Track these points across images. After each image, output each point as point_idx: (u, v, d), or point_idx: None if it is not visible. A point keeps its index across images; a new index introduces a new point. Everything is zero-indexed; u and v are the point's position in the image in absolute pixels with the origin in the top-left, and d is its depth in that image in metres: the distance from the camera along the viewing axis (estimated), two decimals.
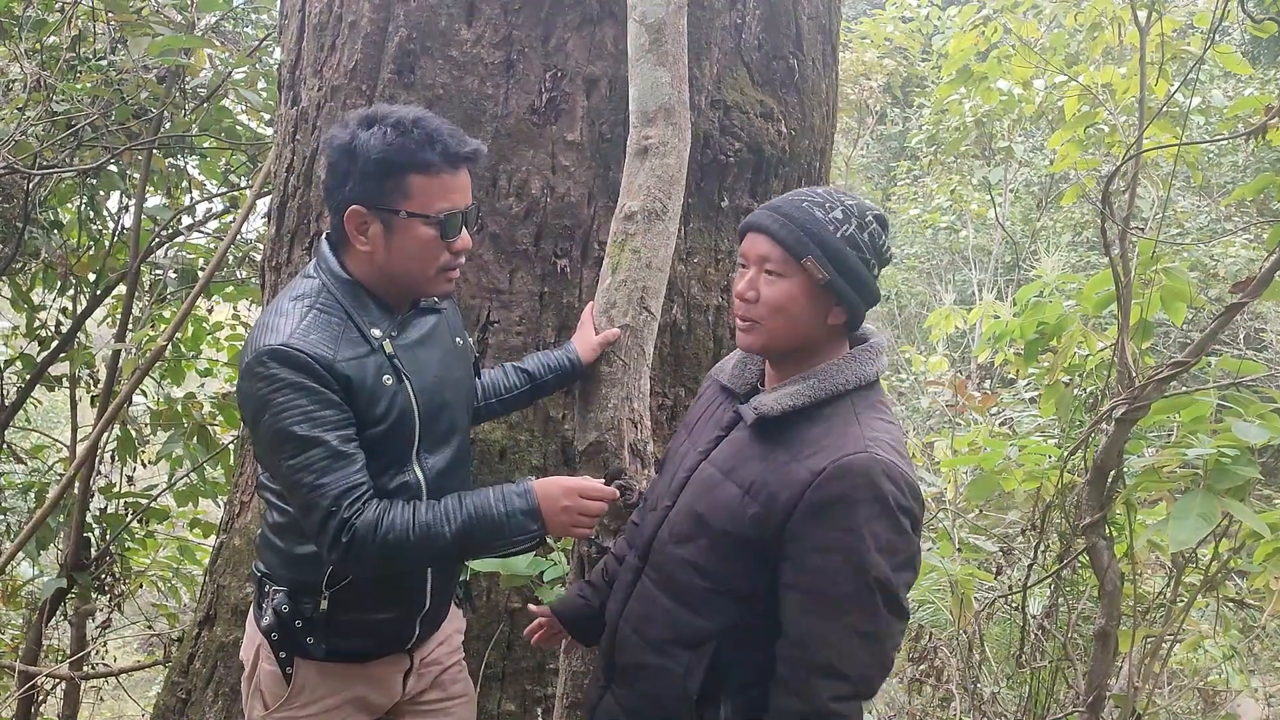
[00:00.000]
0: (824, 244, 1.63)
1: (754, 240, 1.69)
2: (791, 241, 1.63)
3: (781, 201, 1.70)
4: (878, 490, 1.53)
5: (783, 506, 1.58)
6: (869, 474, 1.54)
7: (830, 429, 1.63)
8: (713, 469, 1.74)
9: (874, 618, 1.54)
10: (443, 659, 2.14)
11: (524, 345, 2.61)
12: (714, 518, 1.68)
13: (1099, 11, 5.62)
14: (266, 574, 1.96)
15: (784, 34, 2.85)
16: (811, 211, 1.65)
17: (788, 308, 1.65)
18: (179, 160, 4.96)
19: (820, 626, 1.55)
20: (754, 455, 1.68)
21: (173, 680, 2.97)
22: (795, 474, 1.59)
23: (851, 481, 1.54)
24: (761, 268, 1.67)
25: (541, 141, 2.60)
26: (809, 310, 1.66)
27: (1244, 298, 2.83)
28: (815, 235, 1.63)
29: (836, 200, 1.68)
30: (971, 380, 7.92)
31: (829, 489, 1.55)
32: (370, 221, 1.80)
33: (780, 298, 1.65)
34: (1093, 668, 3.09)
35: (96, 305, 5.07)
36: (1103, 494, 3.04)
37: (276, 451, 1.73)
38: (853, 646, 1.54)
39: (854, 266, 1.65)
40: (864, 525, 1.52)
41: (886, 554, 1.53)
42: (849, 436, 1.60)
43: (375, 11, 2.62)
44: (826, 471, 1.55)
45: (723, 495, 1.68)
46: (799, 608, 1.57)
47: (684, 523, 1.74)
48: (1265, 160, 9.54)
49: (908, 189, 12.07)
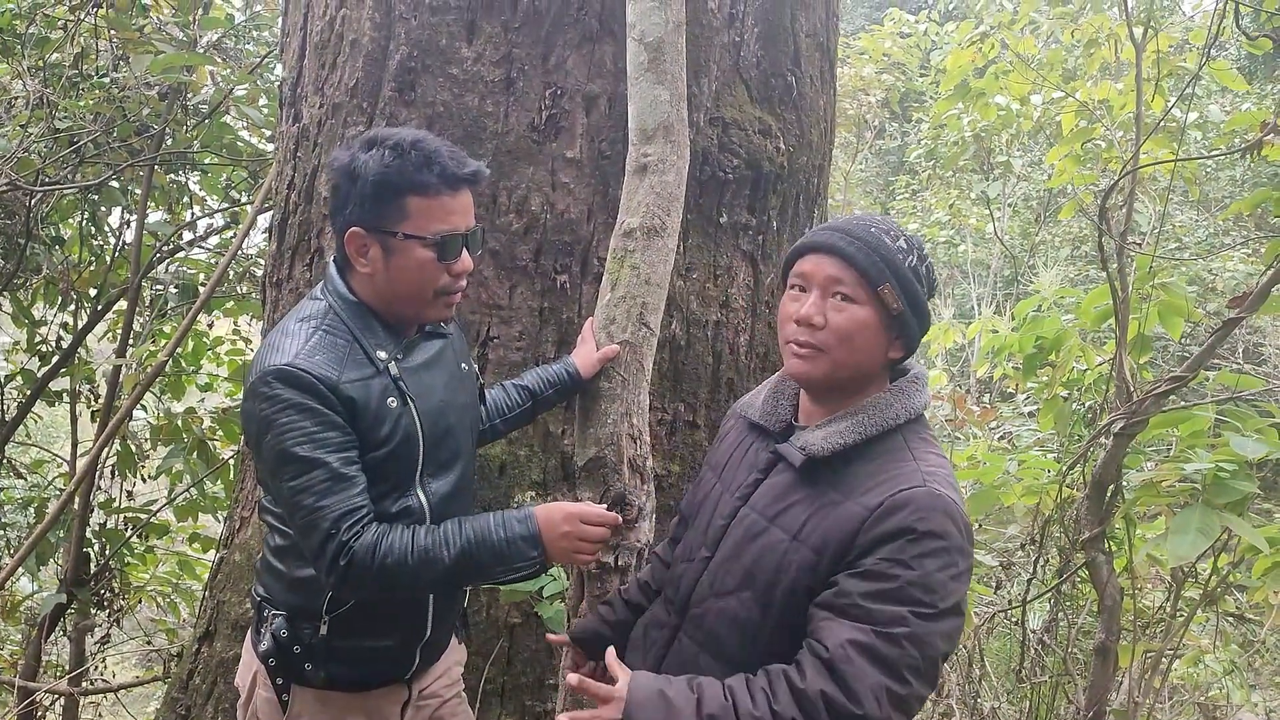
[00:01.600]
0: (897, 272, 1.55)
1: (820, 262, 1.58)
2: (869, 267, 1.54)
3: (846, 224, 1.60)
4: (938, 528, 1.43)
5: (836, 547, 1.48)
6: (929, 509, 1.44)
7: (884, 466, 1.53)
8: (754, 515, 1.63)
9: (901, 654, 1.39)
10: (441, 692, 2.11)
11: (524, 360, 2.62)
12: (760, 568, 1.57)
13: (1095, 28, 5.66)
14: (266, 598, 1.95)
15: (782, 51, 2.87)
16: (881, 238, 1.56)
17: (856, 337, 1.55)
18: (180, 176, 4.99)
19: (846, 634, 1.41)
20: (801, 498, 1.58)
21: (172, 696, 2.96)
22: (849, 513, 1.49)
23: (909, 516, 1.44)
24: (828, 292, 1.56)
25: (541, 158, 2.62)
26: (876, 341, 1.57)
27: (1241, 312, 2.84)
28: (890, 262, 1.55)
29: (898, 230, 1.60)
30: (971, 394, 7.92)
31: (886, 523, 1.44)
32: (370, 244, 1.79)
33: (851, 325, 1.55)
34: (1093, 683, 3.09)
35: (97, 320, 5.08)
36: (1102, 508, 3.04)
37: (278, 472, 1.72)
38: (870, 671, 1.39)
39: (919, 298, 1.58)
40: (916, 561, 1.42)
41: (937, 595, 1.41)
42: (905, 471, 1.50)
43: (376, 30, 2.64)
44: (884, 506, 1.45)
45: (768, 543, 1.57)
46: (830, 619, 1.44)
47: (727, 575, 1.63)
48: (1262, 175, 9.57)
49: (906, 203, 12.10)
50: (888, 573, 1.42)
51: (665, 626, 1.76)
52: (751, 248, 2.84)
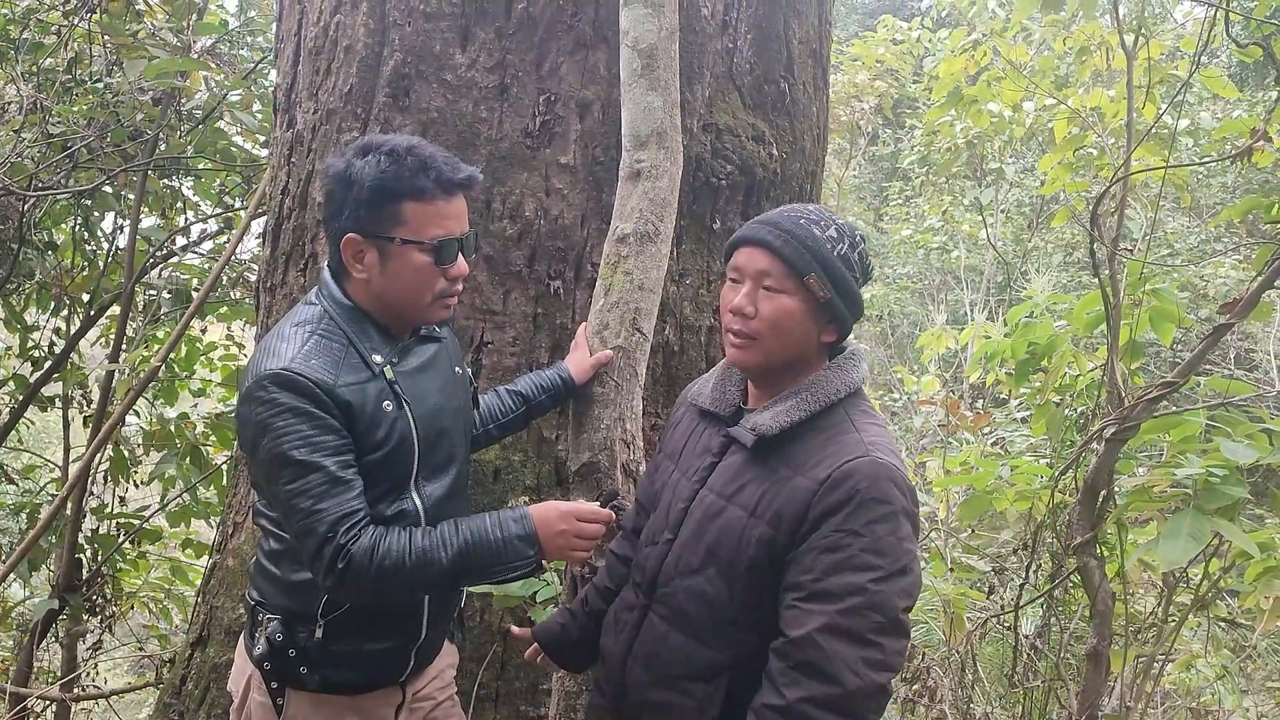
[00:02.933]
0: (824, 262, 1.63)
1: (750, 255, 1.66)
2: (794, 258, 1.62)
3: (777, 217, 1.68)
4: (881, 493, 1.53)
5: (790, 521, 1.57)
6: (873, 477, 1.54)
7: (829, 439, 1.62)
8: (713, 495, 1.71)
9: (867, 624, 1.49)
10: (435, 694, 2.12)
11: (517, 366, 2.62)
12: (722, 545, 1.66)
13: (1087, 36, 5.68)
14: (261, 602, 1.94)
15: (775, 58, 2.88)
16: (810, 229, 1.64)
17: (785, 324, 1.64)
18: (174, 181, 4.98)
19: (811, 623, 1.50)
20: (754, 476, 1.66)
21: (165, 702, 2.96)
22: (800, 486, 1.58)
23: (855, 485, 1.53)
24: (759, 283, 1.65)
25: (535, 164, 2.62)
26: (806, 327, 1.66)
27: (1232, 318, 2.85)
28: (816, 253, 1.63)
29: (829, 219, 1.68)
30: (963, 400, 7.93)
31: (834, 494, 1.54)
32: (366, 249, 1.80)
33: (779, 314, 1.64)
34: (1085, 687, 3.10)
35: (90, 326, 5.08)
36: (1094, 513, 3.05)
37: (274, 476, 1.72)
38: (843, 649, 1.48)
39: (849, 285, 1.66)
40: (866, 528, 1.51)
41: (888, 557, 1.51)
42: (848, 443, 1.60)
43: (370, 36, 2.64)
44: (831, 478, 1.55)
45: (728, 520, 1.66)
46: (794, 606, 1.54)
47: (690, 554, 1.71)
48: (1253, 181, 9.61)
49: (900, 209, 12.13)
50: (840, 543, 1.52)
51: (635, 608, 1.82)
52: None
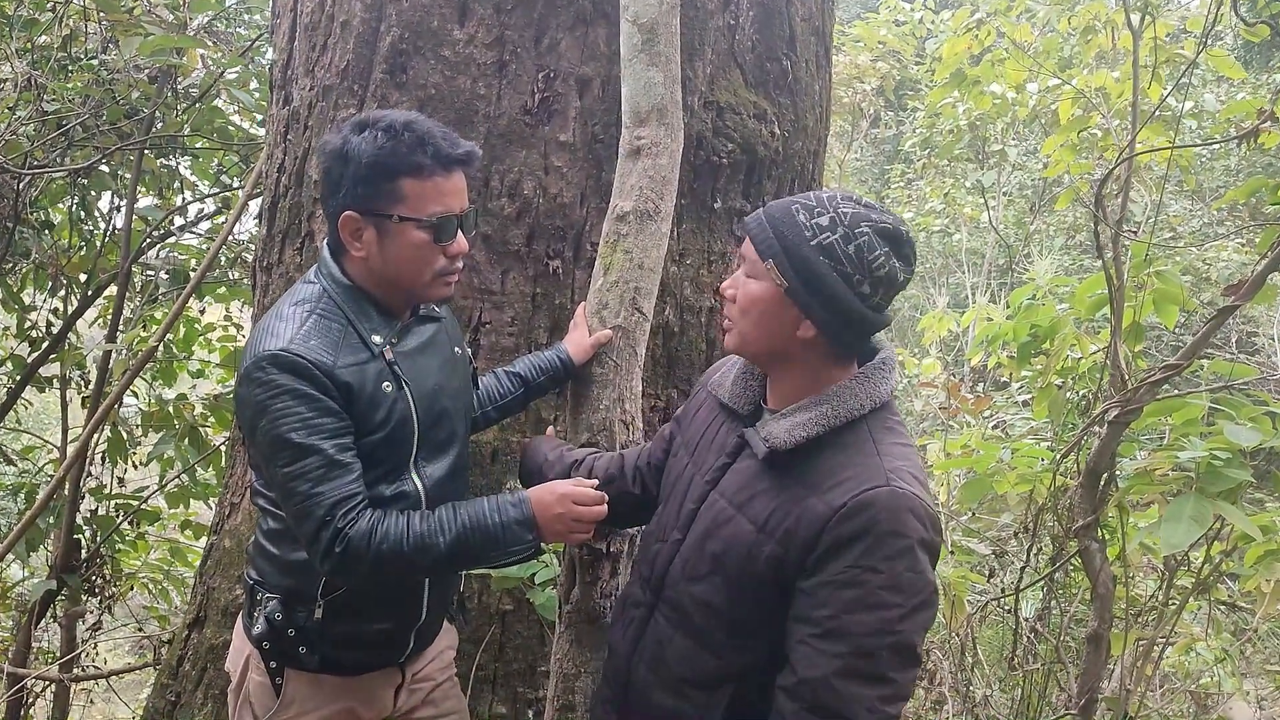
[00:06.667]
0: (790, 249, 1.53)
1: (745, 239, 1.64)
2: (760, 241, 1.57)
3: (776, 203, 1.62)
4: (901, 527, 1.45)
5: (801, 544, 1.50)
6: (893, 509, 1.45)
7: (848, 459, 1.53)
8: (723, 502, 1.65)
9: (884, 663, 1.43)
10: (435, 675, 2.12)
11: (516, 346, 2.60)
12: (729, 556, 1.60)
13: (1092, 15, 5.64)
14: (259, 582, 1.94)
15: (777, 35, 2.84)
16: (794, 214, 1.55)
17: (750, 311, 1.60)
18: (171, 160, 4.94)
19: (827, 665, 1.44)
20: (766, 488, 1.59)
21: (162, 683, 2.95)
22: (814, 509, 1.50)
23: (873, 517, 1.45)
24: (741, 267, 1.64)
25: (534, 142, 2.60)
26: (772, 318, 1.58)
27: (1236, 301, 2.83)
28: (784, 239, 1.54)
29: (829, 206, 1.54)
30: (965, 383, 7.92)
31: (850, 525, 1.46)
32: (364, 227, 1.78)
33: (745, 300, 1.60)
34: (1085, 670, 3.09)
35: (87, 306, 5.05)
36: (1095, 497, 3.04)
37: (272, 458, 1.71)
38: (859, 691, 1.43)
39: (822, 277, 1.52)
40: (884, 563, 1.43)
41: (906, 594, 1.44)
42: (869, 468, 1.50)
43: (367, 11, 2.61)
44: (847, 507, 1.46)
45: (736, 531, 1.60)
46: (807, 643, 1.48)
47: (698, 559, 1.66)
48: (1257, 164, 9.57)
49: (901, 192, 12.07)
50: (858, 579, 1.45)
51: (641, 605, 1.78)
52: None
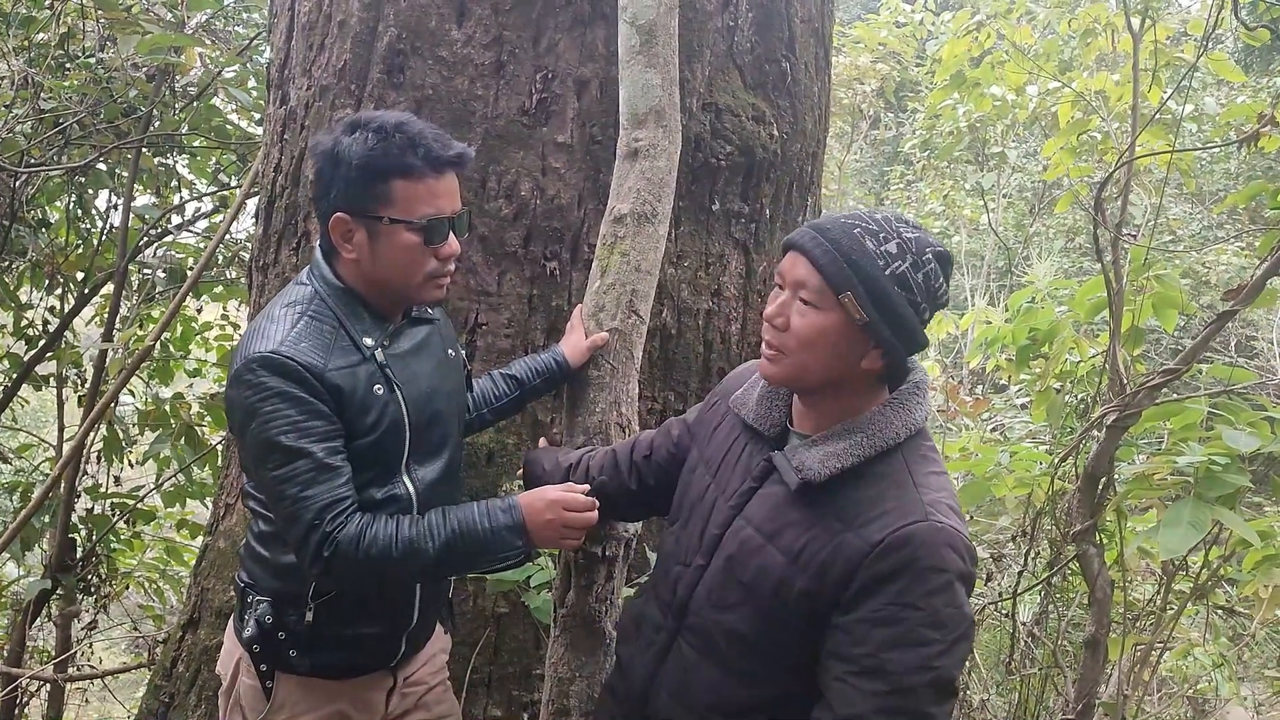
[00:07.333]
0: (868, 280, 1.44)
1: (794, 261, 1.50)
2: (832, 272, 1.44)
3: (831, 223, 1.49)
4: (940, 562, 1.40)
5: (836, 579, 1.45)
6: (932, 545, 1.41)
7: (884, 492, 1.47)
8: (751, 530, 1.58)
9: (923, 699, 1.39)
10: (427, 679, 2.10)
11: (512, 348, 2.59)
12: (759, 586, 1.54)
13: (1092, 18, 5.62)
14: (250, 584, 1.92)
15: (777, 37, 2.83)
16: (862, 240, 1.45)
17: (817, 344, 1.48)
18: (168, 159, 4.93)
19: (865, 704, 1.40)
20: (798, 519, 1.53)
21: (156, 683, 2.94)
22: (850, 544, 1.45)
23: (913, 553, 1.41)
24: (796, 294, 1.49)
25: (531, 143, 2.58)
26: (841, 350, 1.48)
27: (1235, 305, 2.82)
28: (860, 269, 1.44)
29: (894, 230, 1.48)
30: (963, 385, 7.91)
31: (888, 561, 1.41)
32: (355, 228, 1.77)
33: (810, 332, 1.47)
34: (1082, 675, 3.08)
35: (84, 304, 5.04)
36: (1093, 501, 3.03)
37: (262, 461, 1.70)
38: None
39: (899, 309, 1.45)
40: (924, 600, 1.40)
41: (946, 629, 1.40)
42: (906, 501, 1.45)
43: (365, 10, 2.59)
44: (885, 543, 1.42)
45: (767, 563, 1.53)
46: (844, 680, 1.43)
47: (724, 588, 1.60)
48: (1257, 168, 9.57)
49: (901, 194, 12.07)
50: (897, 616, 1.40)
51: (662, 629, 1.71)
52: (744, 236, 2.81)
